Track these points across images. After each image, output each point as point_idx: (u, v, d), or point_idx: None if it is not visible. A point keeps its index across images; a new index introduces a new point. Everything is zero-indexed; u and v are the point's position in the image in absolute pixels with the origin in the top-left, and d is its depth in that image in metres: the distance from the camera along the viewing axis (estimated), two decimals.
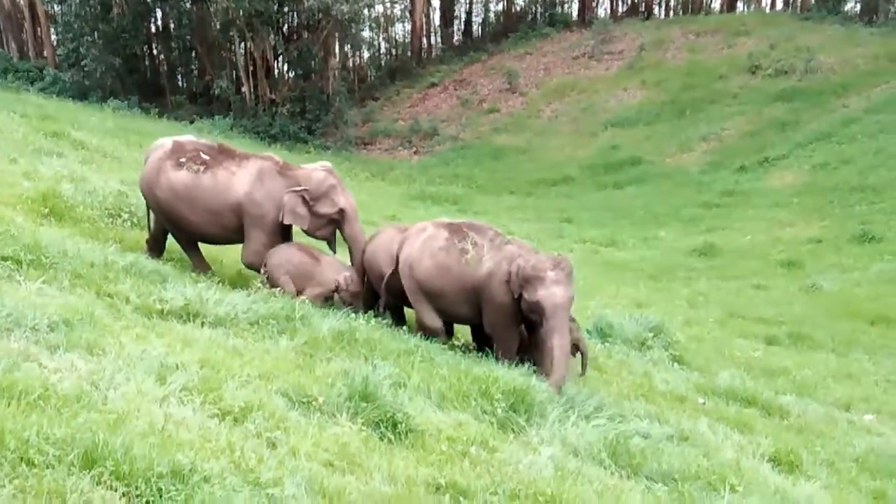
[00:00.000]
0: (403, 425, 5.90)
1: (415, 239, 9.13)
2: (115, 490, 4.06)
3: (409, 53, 47.70)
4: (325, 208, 9.57)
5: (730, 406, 9.41)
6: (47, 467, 4.00)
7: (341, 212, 9.66)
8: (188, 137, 10.13)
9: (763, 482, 6.83)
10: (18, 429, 4.13)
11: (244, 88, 36.40)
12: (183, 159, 9.43)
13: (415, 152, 36.29)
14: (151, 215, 10.01)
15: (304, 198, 9.43)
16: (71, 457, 4.10)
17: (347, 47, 45.10)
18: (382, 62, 49.97)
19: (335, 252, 10.06)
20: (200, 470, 4.31)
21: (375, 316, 8.97)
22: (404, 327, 9.24)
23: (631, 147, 32.55)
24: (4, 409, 4.38)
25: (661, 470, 6.39)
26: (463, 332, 9.94)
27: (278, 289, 8.94)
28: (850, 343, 14.70)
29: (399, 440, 5.79)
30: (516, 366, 8.14)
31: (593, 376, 9.06)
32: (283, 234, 9.68)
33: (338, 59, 41.93)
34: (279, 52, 38.18)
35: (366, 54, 49.84)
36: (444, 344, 8.83)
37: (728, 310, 16.41)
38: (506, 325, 8.76)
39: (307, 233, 9.77)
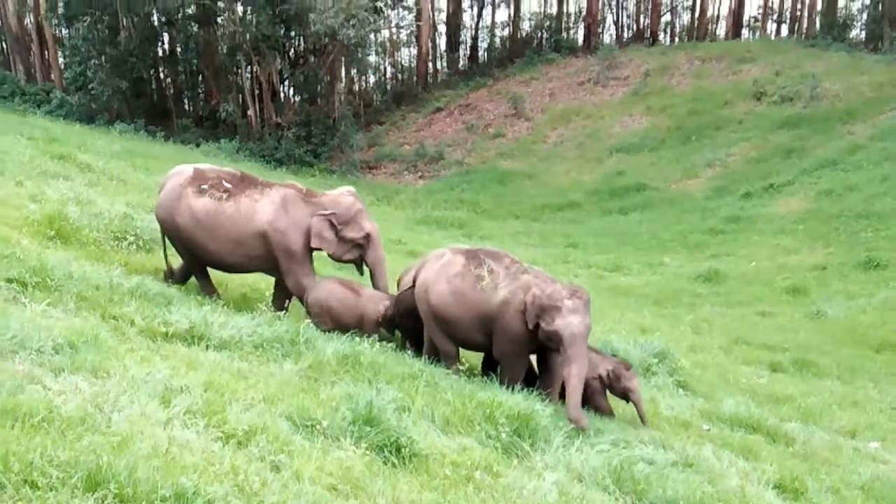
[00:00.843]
0: (407, 450, 5.89)
1: (432, 264, 9.13)
2: None
3: (414, 78, 47.82)
4: (352, 233, 9.59)
5: (735, 432, 9.40)
6: (51, 490, 4.01)
7: (367, 236, 9.68)
8: (207, 165, 10.15)
9: None
10: (22, 451, 4.14)
11: (250, 112, 36.53)
12: (205, 186, 9.40)
13: (420, 177, 36.34)
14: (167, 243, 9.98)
15: (331, 222, 9.45)
16: (75, 479, 4.11)
17: (353, 72, 45.21)
18: (388, 87, 50.13)
19: (362, 274, 10.09)
20: (204, 493, 4.31)
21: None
22: (409, 351, 9.21)
23: (636, 173, 32.58)
24: (8, 431, 4.39)
25: (666, 496, 6.37)
26: (466, 356, 9.91)
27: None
28: (855, 370, 14.69)
29: (403, 465, 5.78)
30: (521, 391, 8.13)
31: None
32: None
33: (344, 83, 42.08)
34: (285, 76, 38.36)
35: (372, 79, 50.06)
36: (449, 369, 8.83)
37: (733, 336, 16.39)
38: (517, 353, 8.75)
39: (333, 257, 9.79)
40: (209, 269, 9.97)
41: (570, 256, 24.13)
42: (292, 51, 39.70)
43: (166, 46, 40.94)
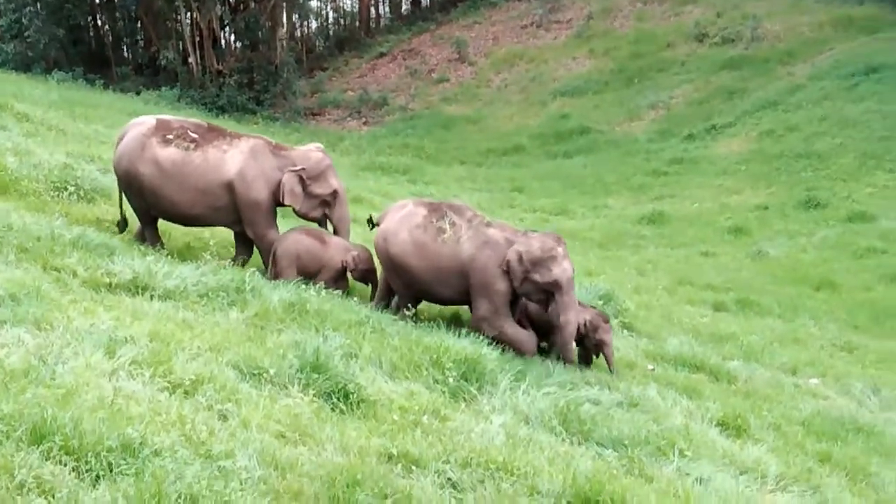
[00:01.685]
0: (355, 396, 5.93)
1: (393, 214, 9.14)
2: (65, 465, 4.06)
3: (357, 23, 47.31)
4: (320, 189, 9.55)
5: (678, 372, 9.54)
6: None
7: (334, 193, 9.64)
8: (169, 116, 10.06)
9: (711, 446, 6.96)
10: None
11: (191, 59, 35.87)
12: (170, 136, 9.30)
13: (364, 123, 36.06)
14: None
15: (301, 177, 9.38)
16: (19, 432, 4.10)
17: (295, 17, 44.56)
18: (330, 32, 49.49)
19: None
20: (151, 443, 4.32)
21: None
22: (354, 298, 9.21)
23: (580, 116, 32.54)
24: None
25: (612, 436, 6.49)
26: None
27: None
28: (796, 308, 14.93)
29: (351, 411, 5.82)
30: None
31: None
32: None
33: (285, 29, 41.45)
34: (226, 22, 37.74)
35: (314, 24, 49.36)
36: (395, 316, 8.86)
37: (676, 277, 16.56)
38: (498, 310, 8.74)
39: (299, 213, 9.71)
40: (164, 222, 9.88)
41: (515, 200, 24.15)
42: None
43: None
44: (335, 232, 9.87)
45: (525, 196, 24.97)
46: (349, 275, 9.60)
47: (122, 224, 9.80)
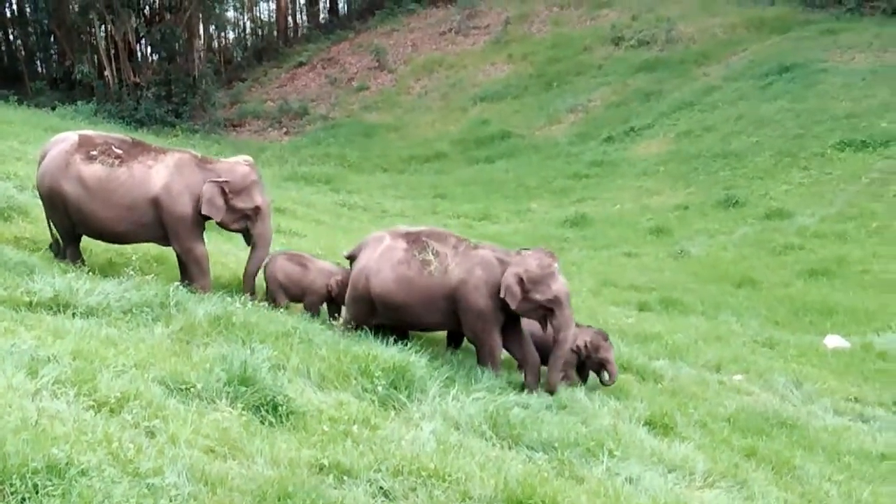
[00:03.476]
0: (284, 408, 5.89)
1: (371, 250, 8.89)
2: None
3: (275, 33, 47.11)
4: (242, 203, 9.37)
5: None
6: None
7: (257, 209, 9.52)
8: (92, 131, 9.90)
9: (640, 446, 7.06)
10: None
11: (107, 72, 35.39)
12: (94, 152, 9.10)
13: (285, 133, 35.89)
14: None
15: (223, 189, 9.25)
16: None
17: (212, 28, 44.29)
18: (248, 42, 49.24)
19: (249, 244, 9.90)
20: (77, 463, 4.24)
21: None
22: (281, 311, 9.15)
23: (500, 121, 32.73)
24: None
25: (542, 439, 6.54)
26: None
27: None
28: (718, 306, 15.17)
29: (280, 423, 5.78)
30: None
31: (470, 349, 9.12)
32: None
33: (202, 40, 41.15)
34: (141, 34, 37.33)
35: (231, 35, 49.05)
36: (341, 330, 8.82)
37: (601, 278, 16.72)
38: (490, 330, 8.61)
39: (220, 224, 9.58)
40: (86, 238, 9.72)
41: (438, 207, 24.19)
42: (147, 8, 38.64)
43: (14, 6, 39.44)
44: (253, 247, 9.77)
45: (448, 202, 25.01)
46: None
47: (56, 245, 9.61)
